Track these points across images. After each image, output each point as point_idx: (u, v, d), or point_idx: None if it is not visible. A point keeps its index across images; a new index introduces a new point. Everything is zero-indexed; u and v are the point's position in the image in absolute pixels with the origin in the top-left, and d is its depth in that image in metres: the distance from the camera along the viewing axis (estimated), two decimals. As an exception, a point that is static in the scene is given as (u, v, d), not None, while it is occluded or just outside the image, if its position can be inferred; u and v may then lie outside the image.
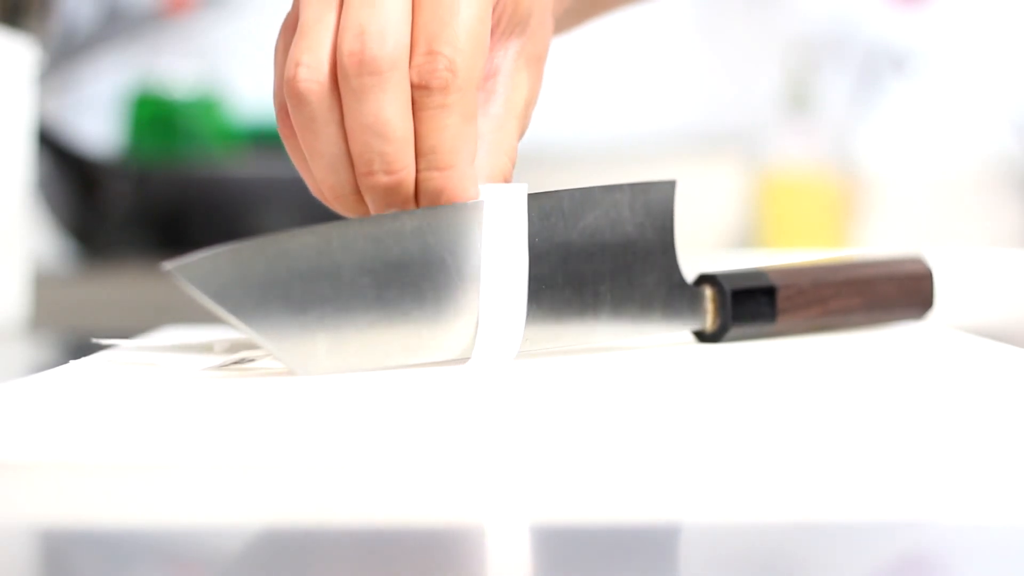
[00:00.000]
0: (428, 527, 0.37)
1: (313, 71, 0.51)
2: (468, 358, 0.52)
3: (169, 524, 0.38)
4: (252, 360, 0.51)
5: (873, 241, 1.80)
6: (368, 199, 0.52)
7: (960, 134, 1.84)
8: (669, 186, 0.56)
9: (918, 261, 0.64)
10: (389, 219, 0.51)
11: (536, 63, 0.56)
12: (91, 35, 1.77)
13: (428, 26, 0.51)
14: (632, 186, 0.55)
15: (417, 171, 0.51)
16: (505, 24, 0.54)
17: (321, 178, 0.52)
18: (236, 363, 0.51)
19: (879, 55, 1.85)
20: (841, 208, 1.81)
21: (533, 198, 0.53)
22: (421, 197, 0.51)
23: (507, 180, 0.54)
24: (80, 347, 0.84)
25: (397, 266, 0.50)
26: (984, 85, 1.84)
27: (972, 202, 1.82)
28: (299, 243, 0.49)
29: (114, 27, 1.78)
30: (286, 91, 0.52)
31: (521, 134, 0.56)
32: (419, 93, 0.51)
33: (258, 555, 0.35)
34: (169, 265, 0.47)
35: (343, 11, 0.51)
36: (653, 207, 0.56)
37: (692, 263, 0.59)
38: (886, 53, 1.85)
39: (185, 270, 0.47)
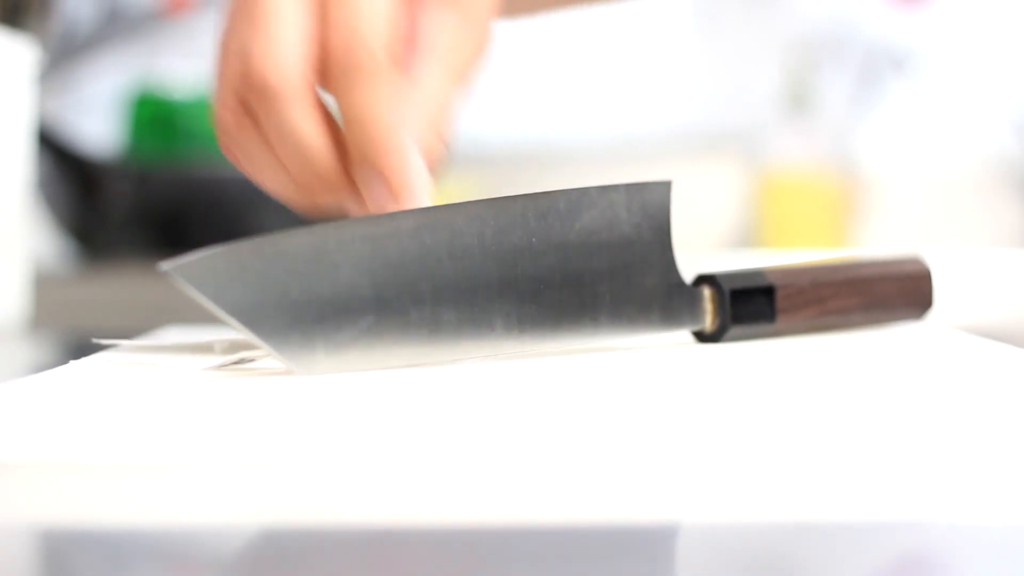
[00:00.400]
0: (428, 527, 0.37)
1: (230, 114, 0.54)
2: (466, 359, 0.52)
3: (169, 524, 0.38)
4: (252, 360, 0.51)
5: (873, 241, 1.80)
6: (302, 196, 0.54)
7: (960, 134, 1.84)
8: (665, 186, 0.56)
9: (917, 261, 0.64)
10: (387, 219, 0.51)
11: (475, 20, 0.56)
12: (91, 35, 1.77)
13: (335, 14, 0.52)
14: (628, 186, 0.55)
15: (356, 162, 0.52)
16: None
17: (271, 187, 0.55)
18: (236, 363, 0.51)
19: (879, 55, 1.85)
20: (841, 208, 1.81)
21: (530, 198, 0.53)
22: (366, 186, 0.52)
23: (435, 153, 0.54)
24: (80, 347, 0.84)
25: (395, 266, 0.50)
26: (984, 85, 1.84)
27: (972, 202, 1.82)
28: (296, 243, 0.49)
29: (114, 27, 1.78)
30: (220, 137, 0.54)
31: (462, 95, 0.56)
32: (337, 80, 0.52)
33: (258, 555, 0.35)
34: (166, 265, 0.47)
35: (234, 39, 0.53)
36: (649, 207, 0.56)
37: (691, 263, 0.59)
38: (886, 53, 1.85)
39: (182, 270, 0.47)
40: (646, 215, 0.55)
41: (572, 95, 1.83)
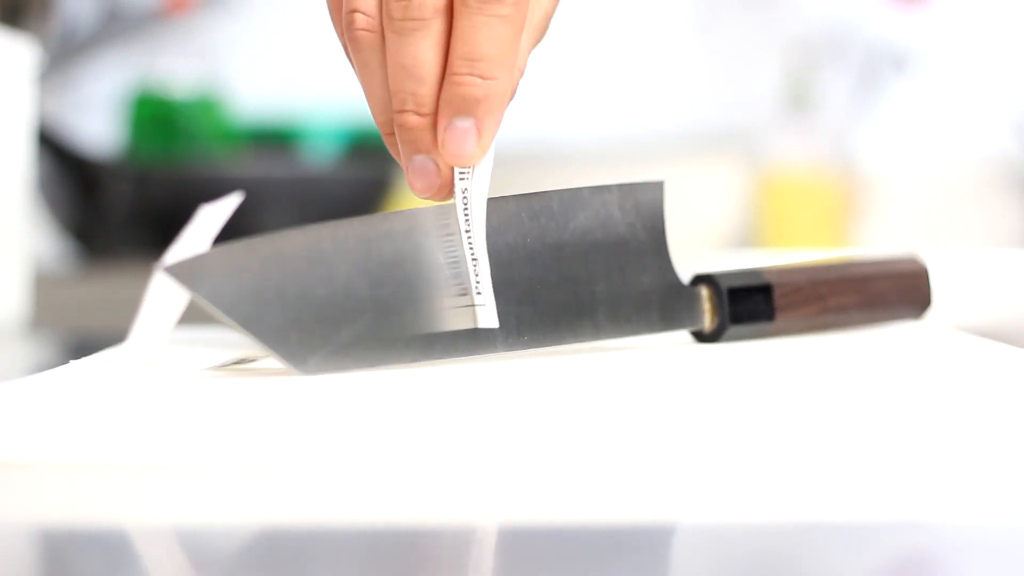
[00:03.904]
0: (428, 527, 0.37)
1: (366, 20, 0.52)
2: (464, 357, 0.52)
3: (169, 524, 0.38)
4: (252, 360, 0.51)
5: (873, 241, 1.80)
6: (399, 138, 0.52)
7: (960, 134, 1.84)
8: (658, 187, 0.56)
9: (915, 260, 0.64)
10: (380, 219, 0.51)
11: None
12: (91, 35, 1.77)
13: None
14: (620, 187, 0.55)
15: (458, 79, 0.51)
16: None
17: (374, 113, 0.53)
18: (236, 363, 0.51)
19: (879, 55, 1.85)
20: (841, 208, 1.81)
21: (523, 198, 0.53)
22: (456, 105, 0.51)
23: (514, 93, 0.54)
24: (80, 347, 0.84)
25: (390, 266, 0.50)
26: (984, 85, 1.84)
27: (972, 202, 1.82)
28: (292, 243, 0.49)
29: (114, 27, 1.78)
30: (345, 36, 0.52)
31: (535, 44, 0.56)
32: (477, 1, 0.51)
33: (258, 555, 0.35)
34: (163, 265, 0.47)
35: None
36: (643, 208, 0.56)
37: (690, 263, 0.58)
38: (886, 53, 1.85)
39: (178, 270, 0.47)
40: (640, 215, 0.55)
41: (571, 95, 1.83)
